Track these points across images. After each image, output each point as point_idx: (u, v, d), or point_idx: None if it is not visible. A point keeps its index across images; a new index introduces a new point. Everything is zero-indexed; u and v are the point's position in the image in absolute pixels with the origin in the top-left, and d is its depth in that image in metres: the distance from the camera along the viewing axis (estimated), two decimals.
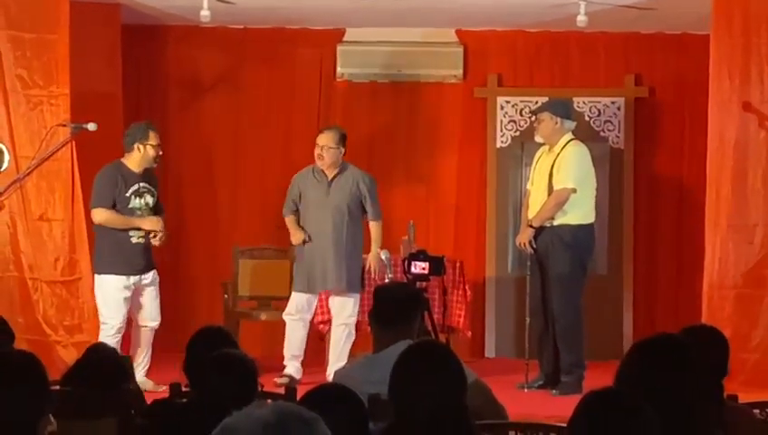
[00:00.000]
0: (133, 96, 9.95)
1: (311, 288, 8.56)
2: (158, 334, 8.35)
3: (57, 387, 4.62)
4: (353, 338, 8.61)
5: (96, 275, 8.22)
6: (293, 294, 8.63)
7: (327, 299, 8.73)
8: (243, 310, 9.45)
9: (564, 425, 3.19)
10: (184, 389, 4.63)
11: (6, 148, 8.46)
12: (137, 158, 8.16)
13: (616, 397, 3.06)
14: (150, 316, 8.27)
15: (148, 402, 4.81)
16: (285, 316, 8.65)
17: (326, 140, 8.53)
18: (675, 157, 10.20)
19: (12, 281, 8.57)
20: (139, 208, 8.16)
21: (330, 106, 10.34)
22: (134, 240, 8.14)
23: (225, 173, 10.25)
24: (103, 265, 8.17)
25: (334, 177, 8.56)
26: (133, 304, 8.22)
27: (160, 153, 8.23)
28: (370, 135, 10.36)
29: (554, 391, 8.26)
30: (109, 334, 8.09)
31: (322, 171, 8.57)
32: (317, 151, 8.53)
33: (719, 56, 8.39)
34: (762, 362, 8.13)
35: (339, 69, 10.26)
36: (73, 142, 8.44)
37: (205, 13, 8.88)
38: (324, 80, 10.35)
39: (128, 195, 8.12)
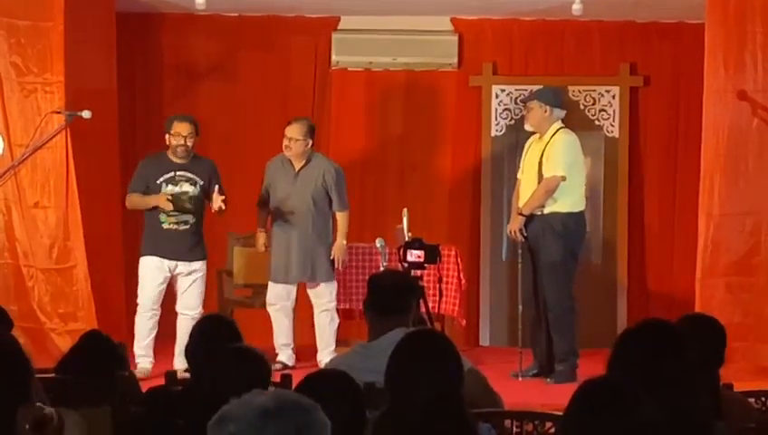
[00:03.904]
0: (128, 84, 9.93)
1: (282, 278, 8.66)
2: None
3: (52, 375, 4.62)
4: (337, 322, 8.74)
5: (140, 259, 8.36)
6: (270, 283, 8.72)
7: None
8: (237, 298, 9.45)
9: (560, 413, 3.19)
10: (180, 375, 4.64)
11: (1, 135, 8.46)
12: (169, 148, 8.28)
13: (612, 386, 3.06)
14: (186, 305, 8.30)
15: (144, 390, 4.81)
16: (267, 307, 8.75)
17: (293, 132, 8.60)
18: (669, 146, 10.20)
19: (6, 268, 8.57)
20: (179, 208, 8.21)
21: (324, 94, 10.33)
22: (165, 226, 8.22)
23: (220, 161, 10.17)
24: (143, 247, 8.35)
25: (302, 167, 8.64)
26: (177, 291, 8.32)
27: (182, 142, 8.25)
28: (365, 123, 10.36)
29: (548, 380, 8.27)
30: (140, 313, 8.29)
31: (290, 161, 8.65)
32: (285, 142, 8.63)
33: (714, 45, 8.39)
34: (752, 350, 8.16)
35: (333, 57, 10.26)
36: (68, 130, 8.42)
37: (200, 0, 8.87)
38: (319, 68, 10.33)
39: (158, 182, 8.22)
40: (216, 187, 8.25)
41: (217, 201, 8.18)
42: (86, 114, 8.26)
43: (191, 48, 10.29)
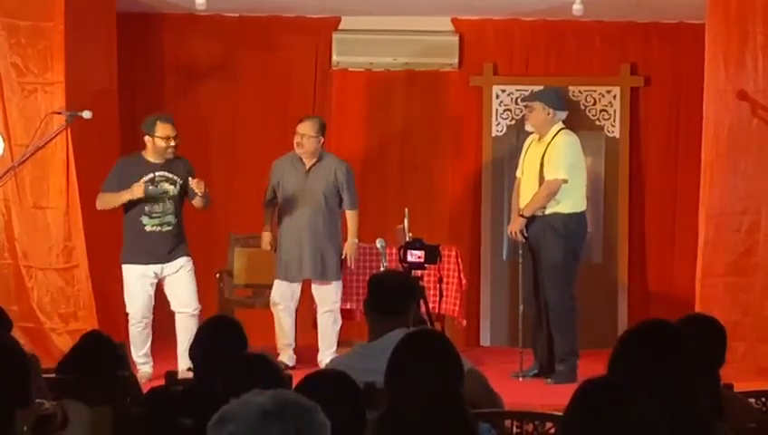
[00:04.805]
0: (129, 84, 9.93)
1: (289, 276, 8.66)
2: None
3: (52, 375, 4.62)
4: (340, 323, 8.76)
5: (122, 265, 8.25)
6: (275, 282, 8.73)
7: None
8: (238, 298, 9.45)
9: (560, 414, 3.19)
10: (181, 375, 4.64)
11: (1, 135, 8.46)
12: (150, 149, 8.17)
13: (612, 386, 3.06)
14: (183, 303, 8.23)
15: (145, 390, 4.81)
16: (272, 306, 8.75)
17: (306, 128, 8.61)
18: (670, 146, 10.20)
19: (6, 268, 8.57)
20: (154, 197, 8.15)
21: (325, 94, 10.32)
22: (148, 229, 8.12)
23: (221, 161, 10.24)
24: (124, 254, 8.22)
25: (312, 165, 8.66)
26: (167, 293, 8.24)
27: (172, 144, 8.15)
28: (366, 123, 10.36)
29: (549, 380, 8.27)
30: (132, 324, 8.20)
31: (301, 159, 8.64)
32: (296, 139, 8.64)
33: (714, 45, 8.39)
34: (751, 351, 8.16)
35: (334, 57, 10.26)
36: (68, 130, 8.42)
37: (200, 1, 8.87)
38: (320, 68, 10.33)
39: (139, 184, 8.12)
40: (190, 178, 8.07)
41: (199, 187, 8.02)
42: (87, 115, 8.25)
43: (192, 48, 10.29)
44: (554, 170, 8.27)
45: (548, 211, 8.31)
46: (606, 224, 10.16)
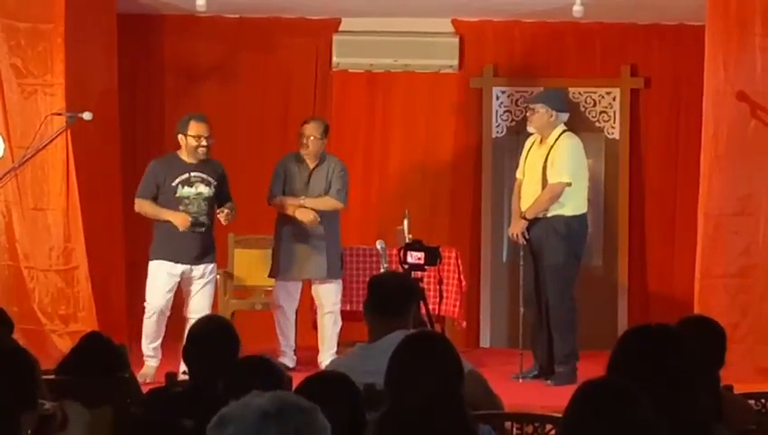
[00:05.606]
0: (129, 86, 9.94)
1: (290, 276, 8.67)
2: None
3: (52, 376, 4.62)
4: (340, 324, 8.77)
5: (149, 262, 8.25)
6: (275, 283, 8.75)
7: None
8: (237, 299, 9.45)
9: (559, 415, 3.20)
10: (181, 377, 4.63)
11: (1, 137, 8.46)
12: (184, 149, 8.19)
13: (611, 386, 3.06)
14: (194, 308, 8.19)
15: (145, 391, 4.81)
16: (273, 308, 8.78)
17: (312, 130, 8.65)
18: (670, 147, 10.20)
19: (7, 270, 8.58)
20: (188, 197, 8.15)
21: (325, 96, 10.33)
22: (182, 228, 8.13)
23: (221, 162, 10.22)
24: (153, 250, 8.23)
25: (315, 167, 8.69)
26: (186, 295, 8.25)
27: (203, 143, 8.18)
28: (366, 125, 10.36)
29: (549, 382, 8.27)
30: (147, 316, 8.21)
31: (305, 160, 8.67)
32: (302, 141, 8.66)
33: (714, 46, 8.40)
34: (750, 352, 8.16)
35: (334, 58, 10.27)
36: (68, 131, 8.42)
37: (200, 2, 8.88)
38: (320, 69, 10.34)
39: (174, 184, 8.13)
40: (221, 211, 8.21)
41: (228, 218, 8.19)
42: (87, 116, 8.25)
43: (192, 50, 10.29)
44: (558, 174, 8.28)
45: (550, 213, 8.32)
46: (606, 225, 10.17)
